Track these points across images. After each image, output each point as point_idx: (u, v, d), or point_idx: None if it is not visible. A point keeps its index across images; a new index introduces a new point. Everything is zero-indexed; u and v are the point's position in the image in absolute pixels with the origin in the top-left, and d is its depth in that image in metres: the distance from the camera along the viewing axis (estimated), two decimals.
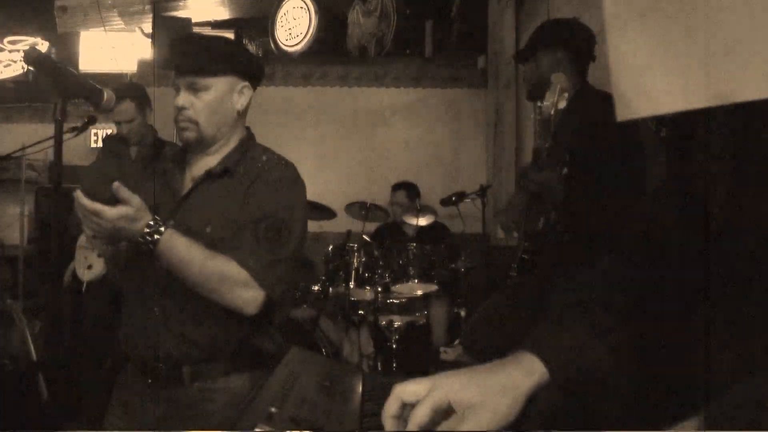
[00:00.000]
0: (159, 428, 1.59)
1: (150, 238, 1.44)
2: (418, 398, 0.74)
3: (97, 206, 1.39)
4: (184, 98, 1.60)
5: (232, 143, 1.69)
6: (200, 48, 1.64)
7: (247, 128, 1.75)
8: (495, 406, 0.74)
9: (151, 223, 1.44)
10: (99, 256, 1.59)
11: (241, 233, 1.55)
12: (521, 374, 0.78)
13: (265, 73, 1.77)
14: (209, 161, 1.67)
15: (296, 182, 1.68)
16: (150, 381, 1.61)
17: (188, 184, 1.67)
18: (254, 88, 1.70)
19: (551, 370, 0.78)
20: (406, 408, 0.74)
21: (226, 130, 1.67)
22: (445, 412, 0.74)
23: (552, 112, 1.88)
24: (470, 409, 0.73)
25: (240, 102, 1.66)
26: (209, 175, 1.64)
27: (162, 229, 1.45)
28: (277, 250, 1.56)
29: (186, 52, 1.62)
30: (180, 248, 1.47)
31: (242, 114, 1.69)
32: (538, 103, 1.94)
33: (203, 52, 1.62)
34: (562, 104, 1.87)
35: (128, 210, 1.41)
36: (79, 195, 1.39)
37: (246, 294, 1.51)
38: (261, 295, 1.52)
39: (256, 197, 1.60)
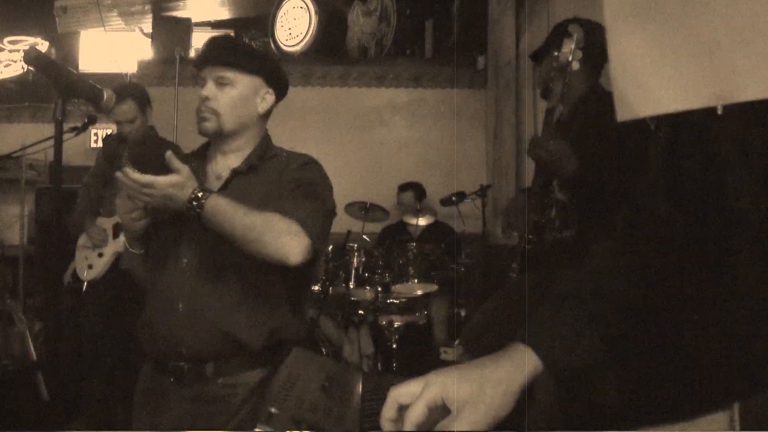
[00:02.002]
0: (184, 427, 1.58)
1: (197, 202, 1.47)
2: (414, 398, 0.74)
3: (149, 178, 1.43)
4: (209, 90, 1.65)
5: (252, 144, 1.74)
6: (233, 44, 1.73)
7: (266, 131, 1.80)
8: (489, 400, 0.74)
9: (197, 188, 1.48)
10: (130, 238, 1.63)
11: (280, 200, 1.60)
12: (514, 367, 0.78)
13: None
14: (232, 160, 1.72)
15: (317, 163, 1.75)
16: (172, 380, 1.61)
17: (214, 182, 1.70)
18: (278, 98, 1.77)
19: (545, 361, 0.78)
20: (404, 410, 0.75)
21: (246, 129, 1.71)
22: (442, 408, 0.74)
23: (569, 59, 1.89)
24: (464, 404, 0.73)
25: (262, 105, 1.72)
26: (236, 174, 1.68)
27: (207, 193, 1.49)
28: (317, 204, 1.61)
29: (219, 46, 1.69)
30: (226, 207, 1.49)
31: (263, 117, 1.75)
32: (555, 52, 1.94)
33: (235, 48, 1.70)
34: (578, 55, 1.88)
35: (179, 178, 1.45)
36: (128, 171, 1.43)
37: (292, 241, 1.51)
38: (306, 242, 1.53)
39: (288, 179, 1.66)
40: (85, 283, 3.29)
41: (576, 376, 0.79)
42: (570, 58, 1.89)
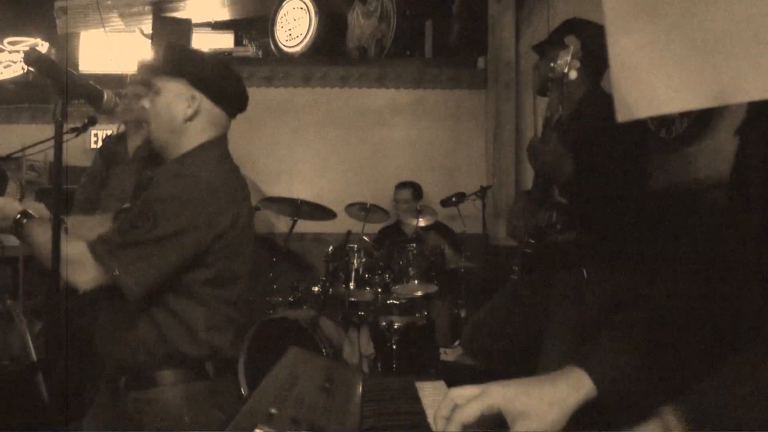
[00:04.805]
0: None
1: (16, 225, 1.54)
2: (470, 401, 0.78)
3: None
4: (146, 100, 1.69)
5: (179, 152, 1.67)
6: (165, 51, 1.69)
7: (216, 140, 1.70)
8: (543, 417, 0.78)
9: (19, 215, 1.55)
10: None
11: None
12: (570, 389, 0.81)
13: (245, 98, 1.74)
14: None
15: (182, 177, 1.60)
16: (104, 390, 1.71)
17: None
18: (219, 103, 1.67)
19: (600, 387, 0.81)
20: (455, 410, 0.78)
21: (172, 136, 1.66)
22: (493, 418, 0.78)
23: (565, 70, 1.89)
24: (519, 417, 0.77)
25: (187, 111, 1.64)
26: (148, 181, 1.68)
27: (26, 220, 1.55)
28: (129, 234, 1.52)
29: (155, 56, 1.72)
30: (37, 233, 1.53)
31: (192, 123, 1.65)
32: (551, 63, 1.95)
33: (164, 54, 1.68)
34: (576, 65, 1.89)
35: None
36: None
37: (81, 273, 1.51)
38: (96, 275, 1.51)
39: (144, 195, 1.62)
40: None
41: (629, 402, 0.81)
42: (566, 70, 1.90)
